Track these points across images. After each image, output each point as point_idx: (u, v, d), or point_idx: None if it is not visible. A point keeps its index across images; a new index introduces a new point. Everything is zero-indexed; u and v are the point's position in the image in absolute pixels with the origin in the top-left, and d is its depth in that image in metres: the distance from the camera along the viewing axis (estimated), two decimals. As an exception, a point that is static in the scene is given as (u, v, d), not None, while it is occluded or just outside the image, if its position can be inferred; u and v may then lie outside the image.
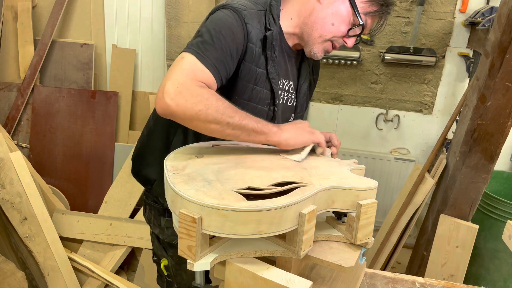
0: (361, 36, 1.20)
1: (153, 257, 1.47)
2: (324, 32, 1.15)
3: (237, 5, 1.10)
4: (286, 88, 1.25)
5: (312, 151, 1.09)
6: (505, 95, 1.56)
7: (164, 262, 1.41)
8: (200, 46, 1.02)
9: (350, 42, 1.17)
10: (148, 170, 1.33)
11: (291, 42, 1.22)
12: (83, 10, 2.66)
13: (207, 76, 1.01)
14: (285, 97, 1.25)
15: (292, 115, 1.31)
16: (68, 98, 2.61)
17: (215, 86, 1.03)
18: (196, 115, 0.95)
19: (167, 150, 1.13)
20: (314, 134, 1.08)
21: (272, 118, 1.20)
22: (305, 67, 1.29)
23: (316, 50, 1.18)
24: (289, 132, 1.03)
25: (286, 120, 1.29)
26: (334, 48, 1.19)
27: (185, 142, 1.22)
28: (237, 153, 1.05)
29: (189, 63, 1.00)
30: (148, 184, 1.34)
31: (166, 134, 1.26)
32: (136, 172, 1.37)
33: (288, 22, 1.19)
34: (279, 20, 1.17)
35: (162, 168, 0.93)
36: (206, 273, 1.21)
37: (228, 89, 1.14)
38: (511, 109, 1.58)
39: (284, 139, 1.02)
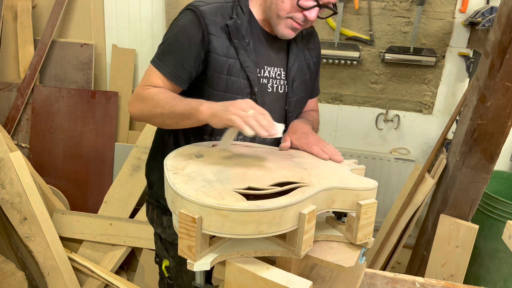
0: (331, 8, 1.16)
1: (155, 258, 1.47)
2: (279, 11, 1.14)
3: (196, 3, 1.16)
4: (273, 76, 1.23)
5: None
6: (505, 95, 1.56)
7: (165, 263, 1.42)
8: (161, 57, 1.16)
9: (311, 15, 1.13)
10: (150, 173, 1.38)
11: (268, 28, 1.23)
12: (83, 10, 2.66)
13: (160, 81, 1.15)
14: (274, 85, 1.23)
15: (286, 102, 1.28)
16: (68, 98, 2.61)
17: (172, 88, 1.16)
18: (141, 114, 1.14)
19: (162, 152, 1.26)
20: (227, 112, 0.92)
21: None
22: (295, 51, 1.26)
23: (281, 30, 1.16)
24: (215, 109, 0.96)
25: (281, 108, 1.26)
26: (300, 25, 1.15)
27: (176, 141, 1.26)
28: (237, 153, 1.05)
29: (147, 74, 1.17)
30: (151, 187, 1.38)
31: (161, 136, 1.31)
32: (146, 177, 1.42)
33: (258, 9, 1.21)
34: (248, 8, 1.19)
35: (160, 170, 0.95)
36: (208, 275, 1.21)
37: (203, 83, 1.18)
38: (511, 109, 1.58)
39: (208, 116, 0.97)
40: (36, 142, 2.65)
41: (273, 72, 1.23)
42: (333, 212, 0.94)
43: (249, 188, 0.82)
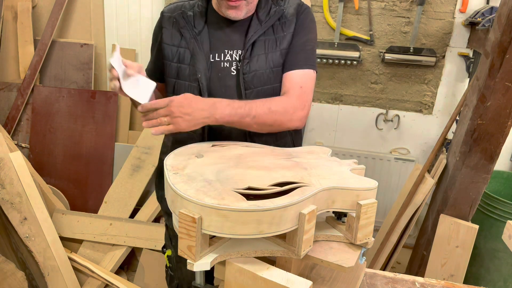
0: None
1: (162, 247, 1.51)
2: None
3: (167, 5, 1.34)
4: (236, 58, 1.24)
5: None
6: (505, 95, 1.56)
7: (168, 252, 1.45)
8: None
9: None
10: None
11: None
12: (83, 10, 2.66)
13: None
14: (239, 68, 1.24)
15: (241, 77, 1.25)
16: (68, 98, 2.61)
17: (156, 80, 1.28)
18: None
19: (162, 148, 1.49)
20: None
21: (201, 92, 1.24)
22: (254, 28, 1.23)
23: (226, 13, 1.20)
24: None
25: (239, 92, 1.24)
26: (233, 1, 1.16)
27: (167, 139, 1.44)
28: (237, 153, 1.05)
29: None
30: None
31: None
32: None
33: None
34: (205, 1, 1.28)
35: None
36: (209, 275, 1.22)
37: (165, 72, 1.32)
38: (511, 109, 1.58)
39: None
40: (36, 142, 2.64)
41: (235, 55, 1.24)
42: (333, 212, 0.94)
43: (249, 188, 0.82)
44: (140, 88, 1.11)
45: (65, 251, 2.21)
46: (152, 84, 1.14)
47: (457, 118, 2.09)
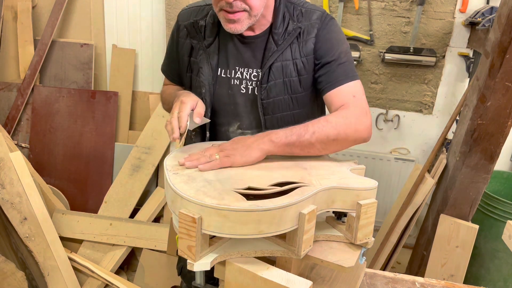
0: None
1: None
2: (214, 8, 1.11)
3: (185, 7, 1.29)
4: (247, 77, 1.20)
5: None
6: (505, 95, 1.56)
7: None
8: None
9: None
10: None
11: None
12: (83, 10, 2.66)
13: (165, 79, 1.43)
14: (249, 86, 1.20)
15: (259, 103, 1.20)
16: (68, 98, 2.61)
17: (170, 83, 1.40)
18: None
19: None
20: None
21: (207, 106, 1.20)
22: (272, 51, 1.16)
23: (226, 27, 1.11)
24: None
25: (256, 111, 1.20)
26: (229, 12, 1.07)
27: None
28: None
29: None
30: None
31: None
32: None
33: None
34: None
35: None
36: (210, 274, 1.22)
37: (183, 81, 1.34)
38: (511, 109, 1.58)
39: None
40: (36, 142, 2.64)
41: (246, 73, 1.20)
42: (333, 212, 0.94)
43: (249, 188, 0.82)
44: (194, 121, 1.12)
45: (65, 251, 2.21)
46: (205, 120, 1.15)
47: (457, 118, 2.09)
